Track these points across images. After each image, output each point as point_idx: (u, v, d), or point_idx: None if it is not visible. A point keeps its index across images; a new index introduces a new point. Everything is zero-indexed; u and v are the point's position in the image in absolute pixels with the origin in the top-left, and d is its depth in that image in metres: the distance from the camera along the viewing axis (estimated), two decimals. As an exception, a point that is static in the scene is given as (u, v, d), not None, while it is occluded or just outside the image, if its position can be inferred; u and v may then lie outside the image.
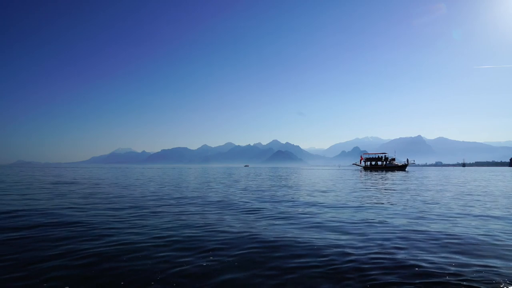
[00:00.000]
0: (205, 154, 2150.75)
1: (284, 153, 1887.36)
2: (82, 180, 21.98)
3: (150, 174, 34.76)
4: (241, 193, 12.76)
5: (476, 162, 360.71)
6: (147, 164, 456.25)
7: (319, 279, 3.35)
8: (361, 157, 67.16)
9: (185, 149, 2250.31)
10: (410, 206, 8.79)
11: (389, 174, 36.16)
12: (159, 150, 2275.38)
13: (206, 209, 8.30)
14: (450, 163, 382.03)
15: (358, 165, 68.97)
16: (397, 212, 7.82)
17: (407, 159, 63.75)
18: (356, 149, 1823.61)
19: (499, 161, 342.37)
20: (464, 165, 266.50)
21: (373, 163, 64.69)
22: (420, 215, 7.33)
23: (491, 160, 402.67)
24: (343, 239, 4.94)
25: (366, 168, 64.71)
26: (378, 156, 64.75)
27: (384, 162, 63.19)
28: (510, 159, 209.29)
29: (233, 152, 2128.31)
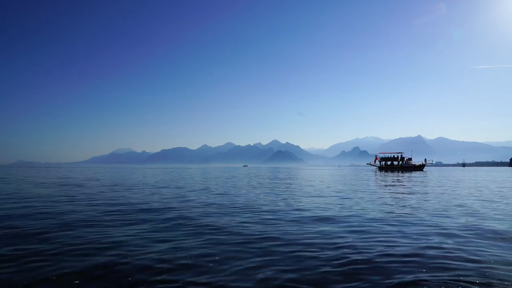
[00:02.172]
0: (205, 154, 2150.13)
1: (284, 153, 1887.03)
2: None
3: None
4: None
5: (476, 162, 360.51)
6: (147, 164, 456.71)
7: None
8: (376, 156, 65.04)
9: (185, 149, 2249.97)
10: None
11: (412, 175, 34.29)
12: (159, 150, 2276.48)
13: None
14: (450, 163, 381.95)
15: (372, 165, 66.51)
16: None
17: (425, 159, 61.96)
18: (356, 149, 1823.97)
19: (499, 161, 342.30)
20: (464, 165, 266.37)
21: (389, 163, 62.45)
22: None
23: (491, 160, 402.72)
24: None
25: (381, 168, 62.32)
26: (394, 156, 62.51)
27: (400, 162, 61.05)
28: (510, 159, 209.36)
29: (233, 152, 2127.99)
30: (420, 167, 60.04)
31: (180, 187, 16.49)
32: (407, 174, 36.83)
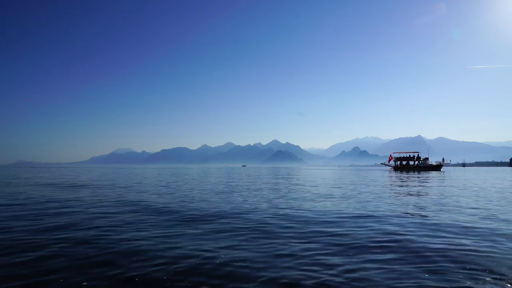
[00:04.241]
0: (205, 154, 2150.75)
1: (284, 153, 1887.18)
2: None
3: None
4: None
5: (476, 162, 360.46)
6: (147, 164, 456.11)
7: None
8: (390, 156, 63.62)
9: (185, 149, 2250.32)
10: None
11: (437, 175, 32.95)
12: (159, 150, 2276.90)
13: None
14: (450, 163, 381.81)
15: (387, 165, 65.08)
16: None
17: (443, 159, 60.17)
18: (356, 149, 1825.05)
19: (499, 161, 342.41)
20: (464, 165, 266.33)
21: (404, 162, 61.01)
22: None
23: (491, 160, 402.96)
24: None
25: (396, 168, 60.87)
26: (410, 156, 61.10)
27: (416, 162, 59.68)
28: (510, 159, 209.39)
29: (233, 152, 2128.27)
30: (437, 167, 58.11)
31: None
32: (433, 175, 34.48)
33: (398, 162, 62.00)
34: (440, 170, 56.76)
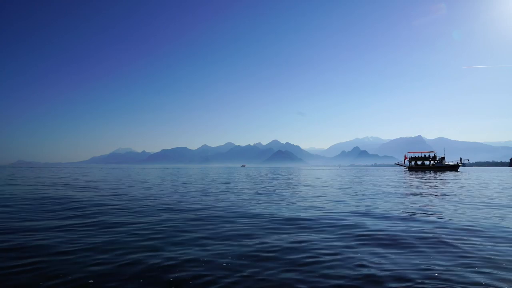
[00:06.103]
0: (205, 154, 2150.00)
1: (284, 153, 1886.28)
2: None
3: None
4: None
5: (476, 162, 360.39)
6: (147, 164, 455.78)
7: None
8: (405, 156, 62.50)
9: (185, 149, 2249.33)
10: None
11: (459, 176, 32.10)
12: (159, 150, 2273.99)
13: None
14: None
15: (401, 165, 64.03)
16: None
17: (460, 158, 58.58)
18: (356, 149, 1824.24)
19: (499, 161, 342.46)
20: (464, 165, 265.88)
21: (419, 162, 59.79)
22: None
23: (491, 160, 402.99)
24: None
25: (411, 169, 59.70)
26: (425, 155, 59.92)
27: (432, 162, 58.54)
28: (510, 159, 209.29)
29: (233, 152, 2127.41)
30: (454, 167, 56.66)
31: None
32: (452, 175, 33.27)
33: (413, 162, 60.63)
34: (457, 171, 55.12)
